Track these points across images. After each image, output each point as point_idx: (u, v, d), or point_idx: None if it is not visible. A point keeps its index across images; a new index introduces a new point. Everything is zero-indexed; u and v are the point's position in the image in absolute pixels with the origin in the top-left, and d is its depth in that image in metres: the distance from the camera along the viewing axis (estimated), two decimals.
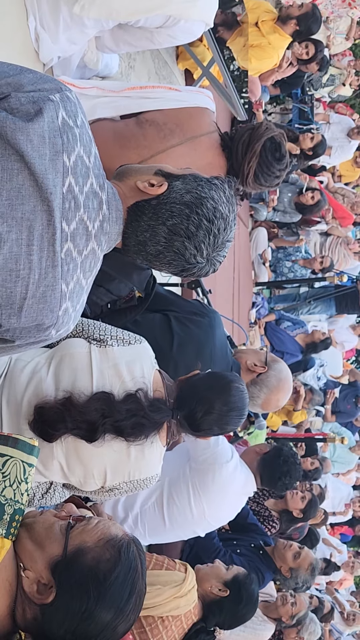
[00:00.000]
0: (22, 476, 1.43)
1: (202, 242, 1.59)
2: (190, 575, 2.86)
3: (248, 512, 4.11)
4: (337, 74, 8.91)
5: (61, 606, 1.34)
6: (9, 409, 2.00)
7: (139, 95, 2.84)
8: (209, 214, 1.58)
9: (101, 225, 1.51)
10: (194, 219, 1.57)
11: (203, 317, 2.85)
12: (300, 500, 4.54)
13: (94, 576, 1.37)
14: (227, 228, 1.62)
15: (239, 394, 2.24)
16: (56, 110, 1.39)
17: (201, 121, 2.83)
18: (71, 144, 1.41)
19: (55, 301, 1.43)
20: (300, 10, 5.59)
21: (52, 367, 2.03)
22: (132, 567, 1.42)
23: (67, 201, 1.41)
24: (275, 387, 3.01)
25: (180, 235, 1.58)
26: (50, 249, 1.39)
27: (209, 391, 2.19)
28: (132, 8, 2.73)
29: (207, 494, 3.26)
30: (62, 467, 2.02)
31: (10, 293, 1.36)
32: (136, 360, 2.06)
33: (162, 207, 1.58)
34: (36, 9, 2.67)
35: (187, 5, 2.80)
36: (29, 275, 1.37)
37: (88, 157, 1.46)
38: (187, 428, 2.13)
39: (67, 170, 1.40)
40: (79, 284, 1.49)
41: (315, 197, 7.29)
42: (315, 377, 7.78)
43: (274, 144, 2.77)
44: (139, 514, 3.28)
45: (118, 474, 2.04)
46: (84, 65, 3.11)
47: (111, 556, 1.40)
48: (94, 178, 1.48)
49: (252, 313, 7.01)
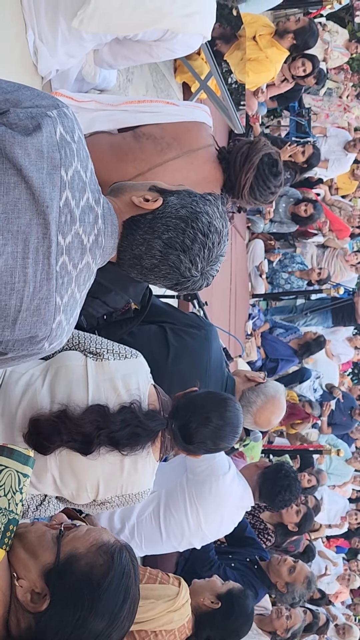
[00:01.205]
0: (17, 486, 1.43)
1: (197, 256, 1.60)
2: (183, 589, 2.84)
3: (246, 525, 4.09)
4: (334, 88, 8.97)
5: (55, 614, 1.34)
6: (3, 420, 2.00)
7: (137, 109, 2.86)
8: (204, 228, 1.59)
9: (96, 239, 1.52)
10: (190, 232, 1.58)
11: (199, 330, 2.86)
12: (295, 514, 4.53)
13: (87, 582, 1.36)
14: (221, 242, 1.63)
15: (235, 411, 2.26)
16: (54, 125, 1.40)
17: (198, 135, 2.85)
18: (69, 159, 1.42)
19: (49, 314, 1.43)
20: (297, 25, 5.64)
21: (48, 380, 2.03)
22: (125, 572, 1.42)
23: (63, 215, 1.42)
24: (272, 397, 3.02)
25: (176, 249, 1.59)
26: (46, 262, 1.40)
27: (205, 404, 2.20)
28: (130, 22, 2.75)
29: (203, 506, 3.26)
30: (55, 480, 2.02)
31: (5, 305, 1.37)
32: (132, 374, 2.06)
33: (158, 221, 1.59)
34: (35, 22, 2.69)
35: (184, 19, 2.82)
36: (24, 288, 1.38)
37: (85, 172, 1.48)
38: (181, 440, 2.13)
39: (65, 184, 1.41)
40: (73, 297, 1.50)
41: (309, 210, 7.29)
42: (311, 388, 7.79)
43: (272, 160, 2.80)
44: (135, 525, 3.28)
45: (110, 488, 2.05)
46: (81, 79, 3.13)
47: (104, 562, 1.39)
48: (90, 193, 1.49)
49: (248, 325, 7.01)
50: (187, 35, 2.89)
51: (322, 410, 7.60)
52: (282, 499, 3.69)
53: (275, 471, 3.75)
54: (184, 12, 2.78)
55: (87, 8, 2.63)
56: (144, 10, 2.71)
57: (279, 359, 6.89)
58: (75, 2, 2.65)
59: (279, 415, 3.11)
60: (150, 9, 2.71)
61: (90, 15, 2.65)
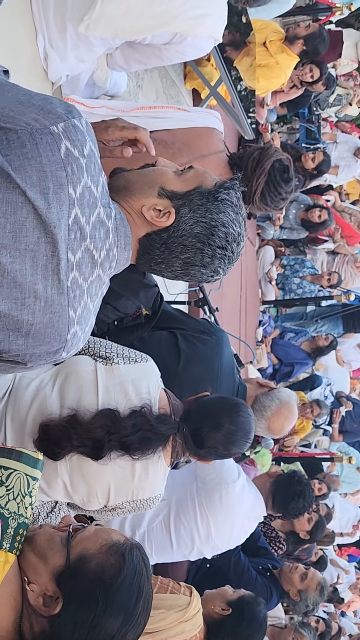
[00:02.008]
0: (26, 489, 1.42)
1: (218, 267, 1.60)
2: (195, 599, 2.80)
3: (260, 535, 4.07)
4: (344, 94, 8.97)
5: (69, 616, 1.33)
6: (14, 425, 1.99)
7: (148, 115, 2.86)
8: (222, 242, 1.57)
9: (107, 254, 1.51)
10: (208, 250, 1.56)
11: (210, 336, 2.85)
12: (306, 521, 4.49)
13: (100, 582, 1.36)
14: (239, 243, 1.61)
15: (247, 416, 2.24)
16: (57, 143, 1.37)
17: (209, 141, 2.84)
18: (77, 176, 1.39)
19: (63, 326, 1.44)
20: (307, 31, 5.65)
21: (57, 385, 2.02)
22: (137, 570, 1.41)
23: (72, 232, 1.41)
24: (286, 402, 3.02)
25: (196, 265, 1.58)
26: (55, 277, 1.40)
27: (217, 409, 2.18)
28: (137, 27, 2.74)
29: (213, 515, 3.23)
30: (65, 486, 2.01)
31: (17, 320, 1.38)
32: (142, 379, 2.05)
33: (174, 242, 1.56)
34: (44, 28, 2.69)
35: (193, 22, 2.79)
36: (35, 304, 1.39)
37: (96, 186, 1.45)
38: (192, 445, 2.12)
39: (73, 201, 1.40)
40: (86, 309, 1.50)
41: (323, 216, 7.29)
42: (322, 395, 7.75)
43: (283, 166, 2.79)
44: (145, 533, 3.26)
45: (121, 493, 2.03)
46: (92, 84, 3.13)
47: (116, 561, 1.39)
48: (102, 208, 1.47)
49: (258, 331, 7.00)
50: (197, 38, 2.86)
51: (333, 417, 7.56)
52: (295, 506, 3.66)
53: (288, 478, 3.73)
54: (193, 14, 2.75)
55: (93, 13, 2.62)
56: (151, 15, 2.69)
57: (294, 363, 6.87)
58: (81, 7, 2.64)
59: (291, 421, 3.10)
60: (156, 13, 2.70)
61: (97, 20, 2.64)
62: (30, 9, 2.68)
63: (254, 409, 2.97)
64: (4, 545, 1.35)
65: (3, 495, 1.38)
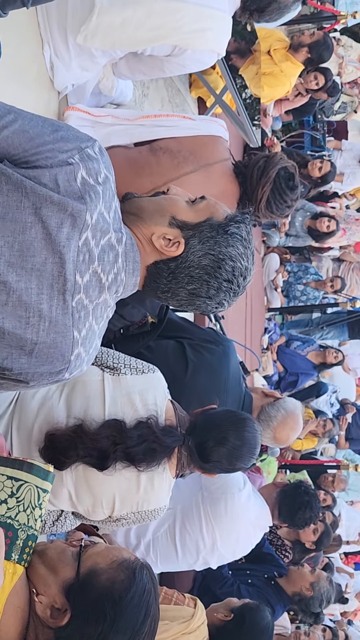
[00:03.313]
0: (36, 501, 1.42)
1: (223, 299, 1.60)
2: (199, 610, 2.77)
3: (264, 541, 4.04)
4: (349, 102, 8.96)
5: (76, 629, 1.32)
6: (19, 435, 1.99)
7: (153, 123, 2.86)
8: (228, 276, 1.56)
9: (115, 278, 1.51)
10: (214, 283, 1.56)
11: (217, 345, 2.84)
12: (312, 532, 4.48)
13: (109, 597, 1.35)
14: (246, 277, 1.61)
15: (253, 431, 2.23)
16: (75, 172, 1.39)
17: (214, 149, 2.84)
18: (93, 204, 1.41)
19: (66, 347, 1.45)
20: (311, 38, 5.66)
21: (64, 394, 2.02)
22: (146, 589, 1.40)
23: (81, 254, 1.42)
24: (292, 411, 3.01)
25: (202, 296, 1.58)
26: (61, 298, 1.40)
27: (224, 423, 2.18)
28: (134, 38, 2.71)
29: (219, 524, 3.22)
30: (70, 496, 2.01)
31: (21, 338, 1.39)
32: (149, 390, 2.05)
33: (181, 272, 1.56)
34: (50, 38, 2.69)
35: (193, 35, 2.75)
36: (39, 323, 1.39)
37: (108, 212, 1.46)
38: (197, 458, 2.12)
39: (87, 226, 1.41)
40: (91, 330, 1.50)
41: (331, 226, 7.26)
42: (328, 403, 7.73)
43: (288, 174, 2.79)
44: (151, 542, 3.25)
45: (126, 504, 2.03)
46: (98, 92, 3.14)
47: (126, 577, 1.38)
48: (113, 233, 1.48)
49: (264, 339, 6.99)
50: (197, 52, 2.83)
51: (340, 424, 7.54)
52: (302, 516, 3.64)
53: (294, 489, 3.72)
54: (192, 28, 2.71)
55: (90, 24, 2.61)
56: (148, 27, 2.67)
57: (298, 373, 6.86)
58: (79, 18, 2.64)
59: (297, 431, 3.10)
60: (154, 25, 2.67)
61: (93, 31, 2.63)
62: (36, 19, 2.70)
63: (259, 419, 2.96)
64: (13, 556, 1.35)
65: (13, 507, 1.38)
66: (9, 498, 1.39)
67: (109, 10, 2.58)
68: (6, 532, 1.35)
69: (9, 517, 1.37)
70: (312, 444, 6.98)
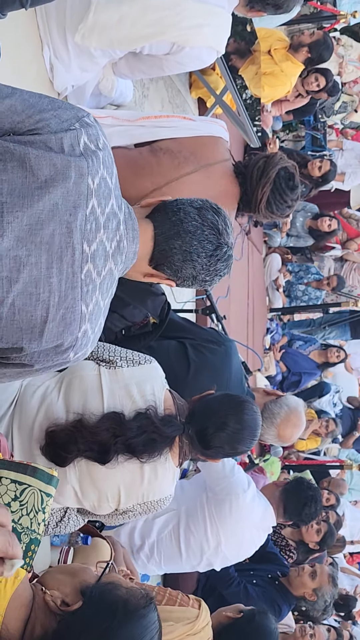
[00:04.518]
0: (40, 506, 1.42)
1: (226, 217, 1.71)
2: (204, 611, 2.76)
3: (268, 541, 4.03)
4: (349, 101, 8.96)
5: (83, 617, 1.28)
6: (21, 434, 2.00)
7: (154, 124, 2.86)
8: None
9: (118, 245, 1.54)
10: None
11: (219, 345, 2.85)
12: (315, 533, 4.47)
13: (124, 602, 1.31)
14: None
15: (252, 413, 2.23)
16: (78, 137, 1.44)
17: (215, 149, 2.84)
18: (95, 167, 1.45)
19: (75, 323, 1.45)
20: (311, 38, 5.66)
21: (62, 391, 2.03)
22: (156, 623, 1.37)
23: (89, 223, 1.44)
24: (294, 408, 3.02)
25: (210, 210, 1.67)
26: (70, 270, 1.42)
27: (222, 408, 2.17)
28: (131, 36, 2.71)
29: (223, 525, 3.21)
30: (75, 493, 2.01)
31: (31, 317, 1.39)
32: (146, 381, 2.06)
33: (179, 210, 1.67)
34: (49, 39, 2.70)
35: (189, 32, 2.74)
36: (49, 298, 1.40)
37: (110, 178, 1.51)
38: (198, 445, 2.12)
39: (91, 192, 1.44)
40: (97, 306, 1.51)
41: (332, 225, 7.28)
42: (331, 403, 7.72)
43: (288, 174, 2.78)
44: (155, 542, 3.24)
45: (132, 496, 2.03)
46: (98, 93, 3.14)
47: (142, 598, 1.35)
48: (114, 199, 1.52)
49: (266, 339, 6.99)
50: (195, 49, 2.82)
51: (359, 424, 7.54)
52: (308, 512, 3.63)
53: (297, 485, 3.71)
54: (188, 24, 2.70)
55: (87, 22, 2.61)
56: (144, 24, 2.67)
57: (301, 373, 6.86)
58: (77, 17, 2.64)
59: (300, 428, 3.10)
60: (150, 21, 2.67)
61: (90, 29, 2.63)
62: (35, 21, 2.70)
63: (263, 416, 2.95)
64: None
65: (17, 510, 1.38)
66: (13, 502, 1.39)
67: (106, 7, 2.59)
68: None
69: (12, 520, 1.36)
70: (316, 444, 6.98)
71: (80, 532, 2.55)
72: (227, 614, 2.87)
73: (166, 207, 1.67)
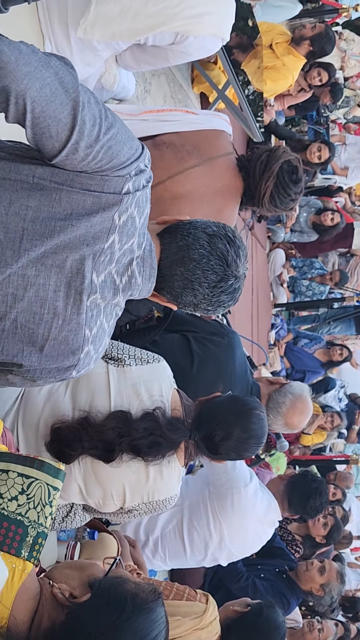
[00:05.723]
0: (47, 499, 1.41)
1: (239, 248, 1.64)
2: (211, 606, 2.75)
3: (275, 535, 4.02)
4: (352, 96, 8.94)
5: (92, 608, 1.28)
6: (25, 430, 1.99)
7: (156, 118, 2.85)
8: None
9: (129, 281, 1.52)
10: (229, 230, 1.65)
11: (222, 338, 2.84)
12: (322, 527, 4.46)
13: (132, 596, 1.32)
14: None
15: (259, 421, 2.21)
16: (124, 184, 1.44)
17: (218, 143, 2.83)
18: (125, 206, 1.44)
19: (77, 344, 1.46)
20: (313, 31, 5.63)
21: (70, 388, 2.03)
22: (163, 618, 1.37)
23: (104, 255, 1.43)
24: (299, 395, 3.01)
25: (222, 239, 1.61)
26: (77, 297, 1.42)
27: (229, 416, 2.16)
28: (134, 27, 2.68)
29: (226, 519, 3.19)
30: (80, 490, 2.01)
31: (32, 333, 1.40)
32: (154, 380, 2.05)
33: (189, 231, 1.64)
34: (51, 34, 2.69)
35: (192, 21, 2.71)
36: (52, 320, 1.41)
37: (139, 217, 1.48)
38: (205, 450, 2.11)
39: (115, 228, 1.43)
40: (102, 329, 1.52)
41: (335, 219, 7.27)
42: (336, 398, 7.71)
43: (291, 167, 2.77)
44: (159, 538, 3.23)
45: (137, 495, 2.03)
46: (100, 87, 3.13)
47: (150, 592, 1.35)
48: (137, 237, 1.50)
49: (271, 335, 6.98)
50: (199, 38, 2.79)
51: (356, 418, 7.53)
52: (313, 504, 3.62)
53: (302, 478, 3.71)
54: (190, 13, 2.66)
55: (88, 15, 2.59)
56: (146, 14, 2.64)
57: (305, 371, 6.85)
58: (78, 11, 2.63)
59: (307, 414, 3.08)
60: (152, 12, 2.64)
61: (92, 23, 2.61)
62: (37, 15, 2.69)
63: (268, 407, 2.95)
64: (23, 553, 1.34)
65: (23, 504, 1.37)
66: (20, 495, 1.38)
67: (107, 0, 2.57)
68: (16, 529, 1.35)
69: (19, 514, 1.36)
70: (321, 438, 6.96)
71: (87, 527, 2.56)
72: (235, 608, 2.86)
73: (177, 229, 1.62)
